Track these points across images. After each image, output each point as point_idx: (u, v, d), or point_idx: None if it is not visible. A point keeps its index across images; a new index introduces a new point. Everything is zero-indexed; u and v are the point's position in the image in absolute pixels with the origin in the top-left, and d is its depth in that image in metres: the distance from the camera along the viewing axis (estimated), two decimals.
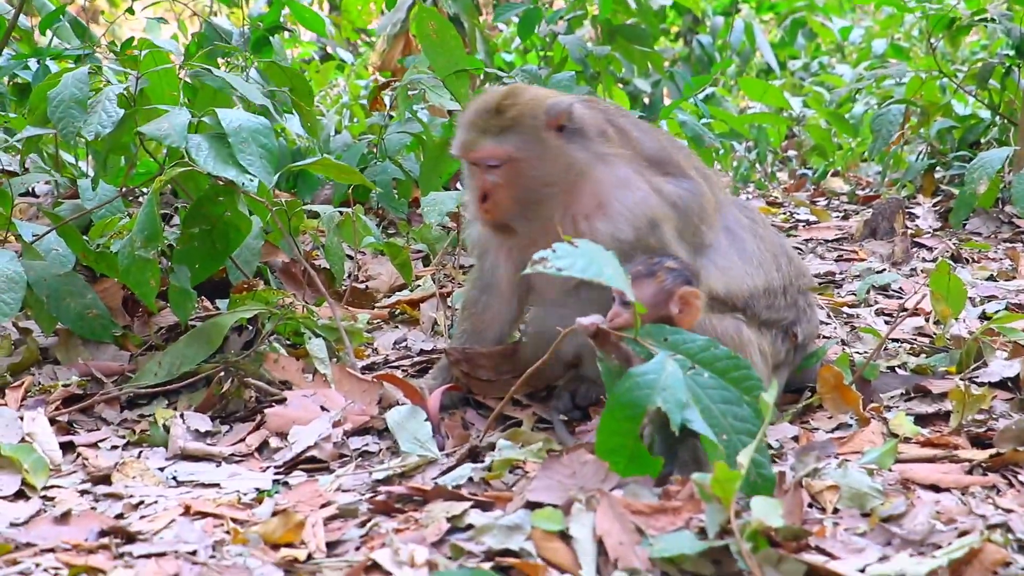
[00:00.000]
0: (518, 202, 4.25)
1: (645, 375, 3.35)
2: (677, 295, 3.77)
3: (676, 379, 3.33)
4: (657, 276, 3.78)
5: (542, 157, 4.23)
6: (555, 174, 4.24)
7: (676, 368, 3.36)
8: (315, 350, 4.70)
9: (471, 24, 9.92)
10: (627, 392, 3.33)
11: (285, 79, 6.07)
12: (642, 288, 3.74)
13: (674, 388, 3.31)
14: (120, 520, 3.49)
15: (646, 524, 3.17)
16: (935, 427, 4.27)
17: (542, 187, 4.24)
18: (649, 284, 3.77)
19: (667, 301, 3.76)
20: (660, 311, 3.76)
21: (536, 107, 4.24)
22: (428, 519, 3.30)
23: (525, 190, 4.24)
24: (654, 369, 3.36)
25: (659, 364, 3.38)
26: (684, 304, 3.76)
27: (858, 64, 14.38)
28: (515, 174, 4.22)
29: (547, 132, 4.22)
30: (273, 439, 4.20)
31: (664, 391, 3.30)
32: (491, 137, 4.22)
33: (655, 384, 3.32)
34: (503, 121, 4.23)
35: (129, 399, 4.68)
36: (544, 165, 4.23)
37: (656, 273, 3.79)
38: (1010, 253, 7.26)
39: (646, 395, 3.30)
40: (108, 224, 5.15)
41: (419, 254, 7.06)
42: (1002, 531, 3.14)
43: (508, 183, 4.23)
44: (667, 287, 3.77)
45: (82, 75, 4.77)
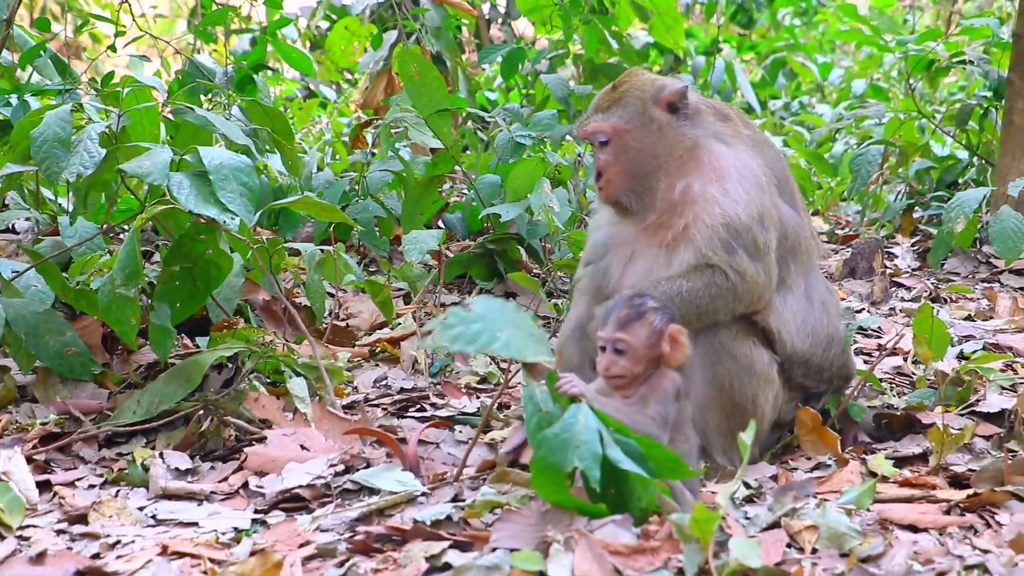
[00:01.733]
0: (628, 176, 4.40)
1: (558, 436, 3.33)
2: (667, 334, 3.77)
3: (590, 432, 3.32)
4: (647, 317, 3.78)
5: (647, 129, 4.41)
6: (662, 148, 4.40)
7: (590, 420, 3.35)
8: (295, 389, 4.69)
9: (454, 63, 9.97)
10: (544, 458, 3.32)
11: (266, 118, 6.08)
12: (634, 332, 3.73)
13: (589, 443, 3.30)
14: (96, 560, 3.47)
15: (624, 564, 3.16)
16: (913, 467, 4.28)
17: (650, 159, 4.40)
18: (640, 326, 3.76)
19: (659, 341, 3.76)
20: (654, 352, 3.76)
21: (645, 84, 4.46)
22: (406, 559, 3.29)
23: (633, 163, 4.39)
24: (566, 427, 3.34)
25: (572, 420, 3.36)
26: (673, 342, 3.77)
27: (838, 104, 14.47)
28: (622, 148, 4.41)
29: (654, 107, 4.41)
30: (253, 478, 4.19)
31: (578, 448, 3.30)
32: (600, 113, 4.46)
33: (568, 443, 3.31)
34: (614, 96, 4.46)
35: (107, 437, 4.66)
36: (650, 137, 4.41)
37: (644, 315, 3.78)
38: (987, 293, 7.29)
39: (562, 456, 3.30)
40: (88, 261, 5.14)
41: (400, 292, 7.06)
42: (979, 572, 3.16)
43: (617, 158, 4.41)
44: (657, 327, 3.77)
45: (64, 113, 4.77)
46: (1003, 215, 7.37)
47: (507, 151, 7.14)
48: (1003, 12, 9.46)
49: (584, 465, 3.27)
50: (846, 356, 4.72)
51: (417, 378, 5.49)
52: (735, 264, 4.25)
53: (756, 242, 4.30)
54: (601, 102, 4.49)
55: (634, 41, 12.57)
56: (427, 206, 7.24)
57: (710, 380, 4.30)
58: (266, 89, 8.23)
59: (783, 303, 4.44)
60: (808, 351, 4.50)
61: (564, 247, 6.74)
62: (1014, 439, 4.43)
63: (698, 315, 4.25)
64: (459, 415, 4.93)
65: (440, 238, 5.61)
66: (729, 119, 4.57)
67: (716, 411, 4.31)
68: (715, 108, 4.57)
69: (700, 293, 4.23)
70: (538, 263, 7.07)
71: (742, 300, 4.29)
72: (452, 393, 5.27)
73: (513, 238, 7.00)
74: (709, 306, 4.25)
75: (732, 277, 4.24)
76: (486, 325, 3.35)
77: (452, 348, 3.29)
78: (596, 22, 8.95)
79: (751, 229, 4.29)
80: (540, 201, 6.43)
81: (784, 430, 4.62)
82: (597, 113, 4.46)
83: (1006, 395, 4.93)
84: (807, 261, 4.59)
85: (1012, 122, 8.23)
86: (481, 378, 5.55)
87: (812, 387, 4.62)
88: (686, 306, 4.20)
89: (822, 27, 18.99)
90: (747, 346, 4.32)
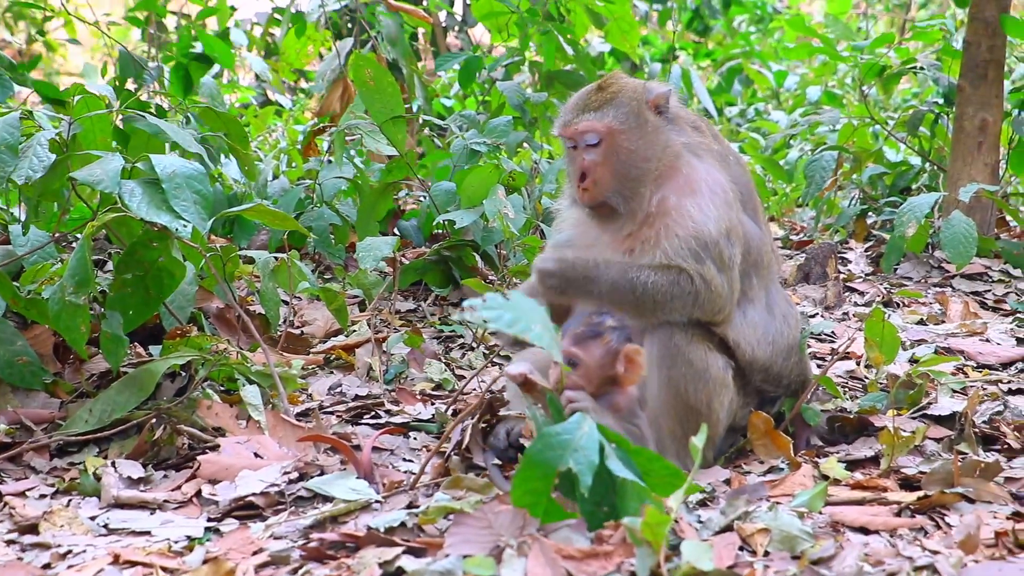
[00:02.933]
0: (617, 178, 4.37)
1: (559, 435, 3.34)
2: (623, 354, 3.78)
3: (590, 440, 3.33)
4: (603, 337, 3.79)
5: (642, 131, 4.40)
6: (654, 151, 4.40)
7: (592, 430, 3.36)
8: (249, 396, 4.67)
9: (410, 70, 9.96)
10: (539, 452, 3.32)
11: (220, 124, 6.06)
12: (589, 350, 3.76)
13: (587, 449, 3.31)
14: (47, 570, 3.45)
15: (577, 569, 3.17)
16: (865, 470, 4.31)
17: (641, 162, 4.38)
18: (596, 345, 3.78)
19: (614, 361, 3.77)
20: (607, 371, 3.77)
21: (637, 86, 4.46)
22: (360, 565, 3.29)
23: (624, 165, 4.37)
24: (569, 429, 3.36)
25: (575, 424, 3.38)
26: (628, 363, 3.78)
27: (793, 110, 14.56)
28: (614, 149, 4.37)
29: (648, 110, 4.41)
30: (206, 486, 4.17)
31: (576, 452, 3.30)
32: (592, 111, 4.41)
33: (568, 445, 3.32)
34: (604, 96, 4.43)
35: (59, 447, 4.63)
36: (644, 139, 4.39)
37: (602, 334, 3.80)
38: (939, 297, 7.35)
39: (558, 456, 3.30)
40: (40, 270, 5.11)
41: (355, 299, 7.05)
42: (928, 572, 3.18)
43: (607, 159, 4.37)
44: (613, 347, 3.79)
45: (13, 119, 4.74)
46: (954, 220, 7.45)
47: (462, 158, 7.14)
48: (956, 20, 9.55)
49: (578, 469, 3.27)
50: (803, 362, 4.76)
51: (372, 385, 5.48)
52: (703, 272, 4.27)
53: (723, 256, 4.33)
54: (590, 102, 4.44)
55: (590, 49, 12.61)
56: (382, 213, 7.23)
57: (665, 385, 4.31)
58: (219, 96, 8.20)
59: (744, 315, 4.48)
60: (768, 360, 4.54)
61: (519, 253, 6.75)
62: (964, 442, 4.47)
63: (653, 308, 4.25)
64: (414, 421, 4.93)
65: (395, 245, 5.61)
66: (700, 130, 4.61)
67: (670, 416, 4.32)
68: (688, 116, 4.60)
69: (663, 290, 4.24)
70: (493, 269, 7.08)
71: (702, 307, 4.31)
72: (407, 400, 5.27)
73: (468, 245, 7.00)
74: (667, 304, 4.26)
75: (698, 283, 4.26)
76: (522, 315, 3.37)
77: (491, 326, 3.30)
78: (552, 30, 8.97)
79: (719, 243, 4.32)
80: (495, 207, 6.44)
81: (738, 434, 4.64)
82: (587, 112, 4.41)
83: (957, 398, 4.98)
84: (768, 275, 4.65)
85: (963, 128, 8.31)
86: (436, 384, 5.55)
87: (770, 391, 4.65)
88: (645, 296, 4.21)
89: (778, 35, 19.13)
90: (702, 351, 4.34)
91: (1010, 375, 5.55)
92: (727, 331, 4.42)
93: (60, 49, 14.15)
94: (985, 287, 7.78)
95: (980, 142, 8.25)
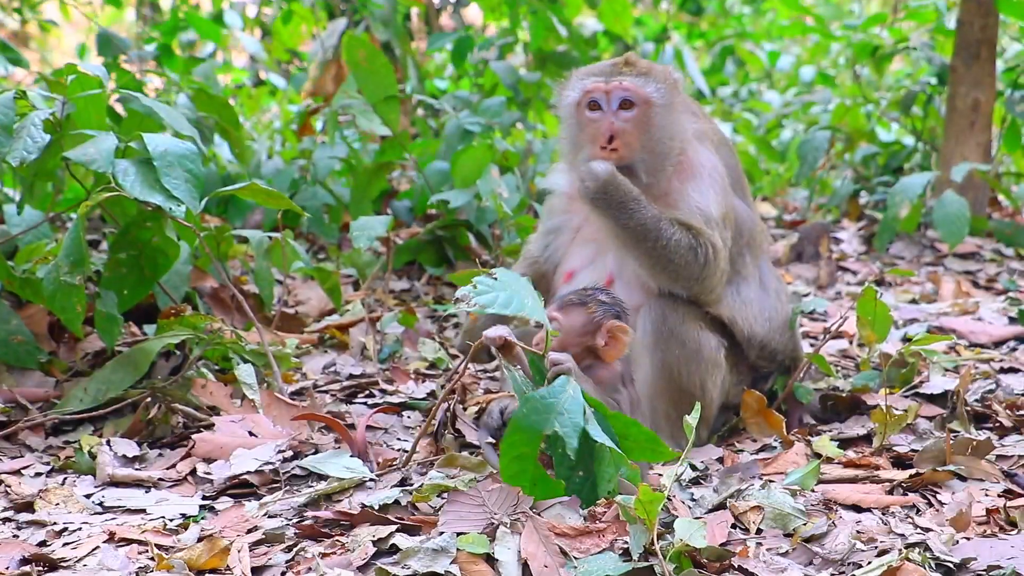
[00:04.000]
0: (645, 148, 4.40)
1: (544, 399, 3.37)
2: (605, 327, 3.80)
3: (575, 403, 3.36)
4: (588, 306, 3.82)
5: (672, 111, 4.44)
6: (677, 132, 4.45)
7: (576, 392, 3.38)
8: (243, 375, 4.67)
9: (403, 50, 9.94)
10: (525, 416, 3.35)
11: (212, 106, 6.05)
12: (571, 316, 3.78)
13: (572, 412, 3.33)
14: (43, 548, 3.46)
15: (570, 546, 3.19)
16: (857, 448, 4.33)
17: (668, 139, 4.43)
18: (579, 313, 3.81)
19: (594, 332, 3.79)
20: (586, 341, 3.79)
21: (667, 69, 4.49)
22: (354, 543, 3.31)
23: (653, 139, 4.41)
24: (553, 393, 3.38)
25: (559, 388, 3.40)
26: (611, 337, 3.80)
27: (786, 91, 14.55)
28: (647, 120, 4.40)
29: (677, 92, 4.46)
30: (201, 465, 4.18)
31: (561, 416, 3.32)
32: (631, 77, 4.41)
33: (553, 408, 3.34)
34: (639, 69, 4.44)
35: (54, 425, 4.64)
36: (672, 118, 4.44)
37: (587, 303, 3.82)
38: (932, 277, 7.37)
39: (543, 419, 3.33)
40: (34, 249, 5.10)
41: (349, 279, 7.05)
42: (920, 550, 3.20)
43: (639, 127, 4.39)
44: (596, 318, 3.81)
45: (7, 100, 4.72)
46: (947, 200, 7.47)
47: (456, 138, 7.14)
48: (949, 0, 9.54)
49: (564, 432, 3.30)
50: (795, 338, 4.78)
51: (366, 364, 5.49)
52: (714, 240, 4.31)
53: (723, 236, 4.37)
54: (626, 69, 4.45)
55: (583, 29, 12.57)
56: (376, 192, 7.22)
57: (658, 368, 4.33)
58: (213, 77, 8.18)
59: (737, 293, 4.52)
60: (766, 335, 4.59)
61: (512, 233, 6.75)
62: (956, 420, 4.50)
63: (665, 266, 4.30)
64: (408, 400, 4.94)
65: (388, 225, 5.60)
66: (697, 115, 4.64)
67: (664, 398, 4.35)
68: (687, 102, 4.63)
69: (683, 249, 4.26)
70: (487, 249, 7.08)
71: (705, 280, 4.35)
72: (401, 379, 5.28)
73: (462, 224, 7.01)
74: (681, 266, 4.30)
75: (709, 252, 4.29)
76: (512, 292, 3.40)
77: (487, 310, 3.33)
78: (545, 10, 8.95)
79: (720, 225, 4.36)
80: (488, 187, 6.44)
81: (731, 413, 4.66)
82: (626, 76, 4.42)
83: (949, 376, 5.01)
84: (759, 253, 4.72)
85: (955, 108, 8.31)
86: (430, 364, 5.56)
87: (764, 367, 4.68)
88: (668, 248, 4.25)
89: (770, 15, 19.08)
90: (695, 331, 4.36)
91: (1002, 354, 5.58)
92: (722, 310, 4.45)
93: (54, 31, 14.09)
94: (977, 266, 7.80)
95: (973, 122, 8.25)
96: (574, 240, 4.63)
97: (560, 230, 4.71)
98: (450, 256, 7.09)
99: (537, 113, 9.11)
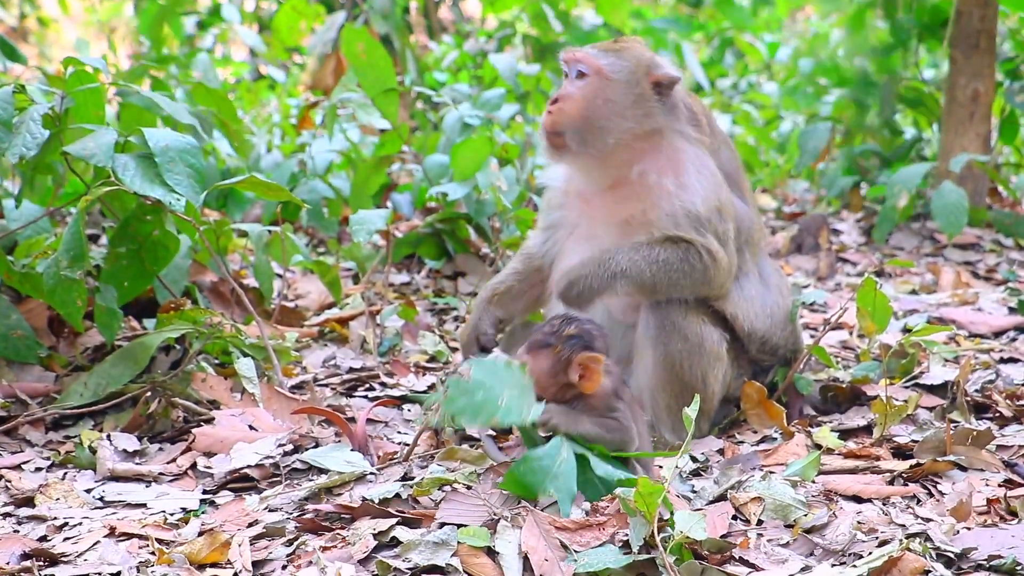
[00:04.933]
0: (583, 117, 4.38)
1: (540, 460, 3.44)
2: (575, 362, 3.70)
3: (569, 467, 3.43)
4: (554, 347, 3.72)
5: (628, 91, 4.41)
6: (631, 114, 4.41)
7: (570, 456, 3.46)
8: (243, 369, 4.67)
9: (402, 43, 9.95)
10: (521, 475, 3.44)
11: (211, 100, 6.05)
12: (538, 359, 3.68)
13: (566, 477, 3.41)
14: (43, 542, 3.47)
15: (571, 540, 3.19)
16: (858, 439, 4.33)
17: (613, 116, 4.39)
18: (546, 355, 3.70)
19: (566, 369, 3.70)
20: (560, 380, 3.70)
21: (645, 53, 4.50)
22: (355, 536, 3.31)
23: (595, 109, 4.38)
24: (549, 455, 3.45)
25: (554, 450, 3.47)
26: (584, 370, 3.69)
27: (786, 82, 14.54)
28: (595, 91, 4.39)
29: (644, 77, 4.42)
30: (201, 459, 4.19)
31: (556, 480, 3.41)
32: (595, 50, 4.46)
33: (548, 471, 3.43)
34: (613, 46, 4.50)
35: (54, 420, 4.63)
36: (626, 99, 4.40)
37: (552, 344, 3.72)
38: (931, 267, 7.37)
39: (539, 481, 3.42)
40: (34, 244, 5.10)
41: (349, 272, 7.06)
42: (921, 540, 3.20)
43: (585, 96, 4.39)
44: (564, 356, 3.69)
45: (6, 94, 4.70)
46: (945, 191, 7.47)
47: (455, 131, 7.13)
48: None
49: (559, 497, 3.39)
50: (796, 332, 4.78)
51: (366, 357, 5.49)
52: (708, 244, 4.31)
53: (718, 231, 4.36)
54: (598, 44, 4.53)
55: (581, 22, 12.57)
56: (375, 186, 7.22)
57: (661, 361, 4.33)
58: (212, 71, 8.18)
59: (740, 289, 4.53)
60: (767, 331, 4.59)
61: (512, 226, 6.75)
62: (956, 410, 4.50)
63: (668, 286, 4.32)
64: (409, 394, 4.94)
65: (388, 218, 5.59)
66: (699, 125, 4.60)
67: (666, 391, 4.34)
68: (691, 111, 4.58)
69: (674, 266, 4.28)
70: (486, 242, 7.08)
71: (711, 282, 4.35)
72: (401, 372, 5.27)
73: (461, 217, 7.00)
74: (680, 281, 4.31)
75: (705, 257, 4.30)
76: (487, 393, 3.41)
77: (460, 423, 3.37)
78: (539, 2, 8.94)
79: (711, 220, 4.36)
80: (488, 180, 6.44)
81: (732, 405, 4.66)
82: (592, 48, 4.48)
83: (949, 367, 5.01)
84: (758, 249, 4.73)
85: (955, 98, 8.30)
86: (430, 357, 5.56)
87: (765, 361, 4.68)
88: (660, 274, 4.28)
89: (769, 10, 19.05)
90: (697, 325, 4.36)
91: (1002, 344, 5.58)
92: (725, 305, 4.45)
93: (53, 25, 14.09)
94: (977, 257, 7.80)
95: (972, 112, 8.25)
96: (571, 236, 4.63)
97: (557, 226, 4.70)
98: (450, 249, 7.09)
99: (536, 105, 9.10)
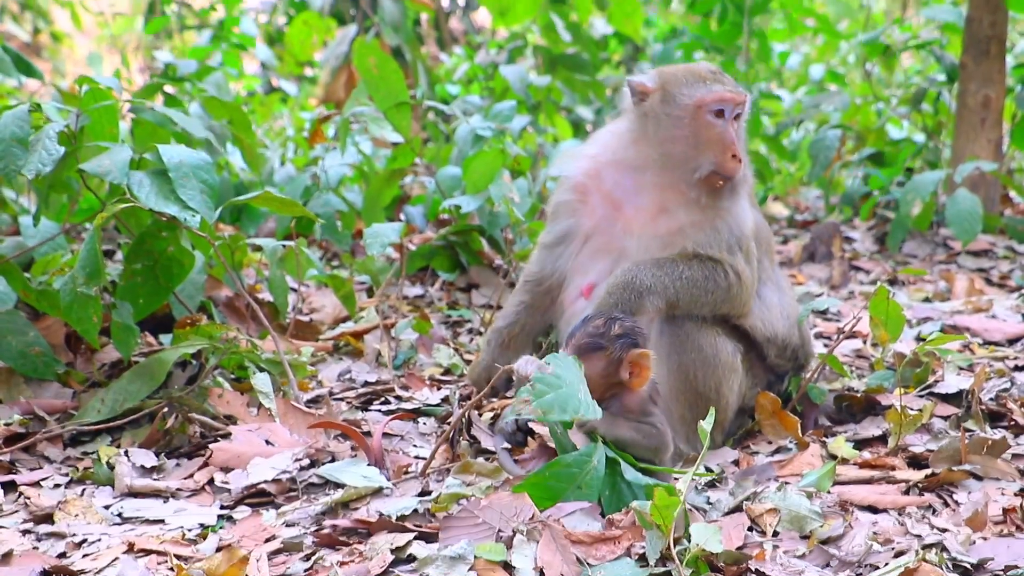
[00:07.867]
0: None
1: (568, 468, 3.47)
2: (627, 361, 3.71)
3: (595, 478, 3.45)
4: (606, 350, 3.71)
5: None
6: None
7: (601, 465, 3.48)
8: (259, 384, 4.68)
9: (413, 56, 9.98)
10: (546, 479, 3.45)
11: (225, 112, 6.07)
12: (591, 362, 3.68)
13: (591, 487, 3.44)
14: (63, 559, 3.48)
15: (587, 553, 3.20)
16: (873, 449, 4.33)
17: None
18: (598, 358, 3.70)
19: (618, 369, 3.71)
20: (611, 379, 3.72)
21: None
22: (372, 551, 3.32)
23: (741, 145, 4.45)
24: (578, 463, 3.47)
25: (585, 457, 3.49)
26: (634, 368, 3.71)
27: (796, 89, 14.54)
28: (742, 133, 4.47)
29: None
30: (218, 474, 4.20)
31: (579, 490, 3.43)
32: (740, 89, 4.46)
33: (574, 478, 3.45)
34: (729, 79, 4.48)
35: (72, 436, 4.65)
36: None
37: (604, 346, 3.72)
38: (945, 275, 7.37)
39: (562, 488, 3.43)
40: (50, 261, 5.13)
41: (363, 286, 7.07)
42: (937, 550, 3.21)
43: (740, 139, 4.44)
44: (615, 356, 3.71)
45: (22, 113, 4.74)
46: (959, 197, 7.47)
47: (467, 143, 7.15)
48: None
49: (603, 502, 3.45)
50: (805, 333, 4.80)
51: (381, 371, 5.51)
52: (735, 264, 4.33)
53: (750, 250, 4.39)
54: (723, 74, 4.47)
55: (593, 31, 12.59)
56: (388, 199, 7.24)
57: (675, 371, 4.34)
58: (225, 85, 8.20)
59: (760, 298, 4.57)
60: (787, 333, 4.63)
61: (525, 238, 6.76)
62: (971, 419, 4.49)
63: (690, 302, 4.33)
64: (424, 407, 4.95)
65: (401, 231, 5.61)
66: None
67: (681, 402, 4.35)
68: None
69: (699, 284, 4.30)
70: (500, 254, 7.09)
71: (733, 301, 4.38)
72: (416, 385, 5.28)
73: (474, 229, 7.02)
74: (702, 298, 4.33)
75: (731, 277, 4.32)
76: (569, 388, 3.39)
77: (548, 417, 3.35)
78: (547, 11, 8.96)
79: (749, 239, 4.39)
80: (500, 192, 6.45)
81: (747, 416, 4.67)
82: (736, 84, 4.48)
83: (963, 375, 5.00)
84: (772, 256, 4.76)
85: (966, 104, 8.31)
86: (445, 369, 5.57)
87: (781, 367, 4.69)
88: (683, 291, 4.29)
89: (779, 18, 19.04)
90: (712, 336, 4.37)
91: (1016, 351, 5.57)
92: (746, 321, 4.48)
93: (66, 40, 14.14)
94: (990, 263, 7.80)
95: (983, 118, 8.25)
96: (584, 248, 4.60)
97: (568, 238, 4.67)
98: (463, 261, 7.10)
99: (548, 116, 9.12)
